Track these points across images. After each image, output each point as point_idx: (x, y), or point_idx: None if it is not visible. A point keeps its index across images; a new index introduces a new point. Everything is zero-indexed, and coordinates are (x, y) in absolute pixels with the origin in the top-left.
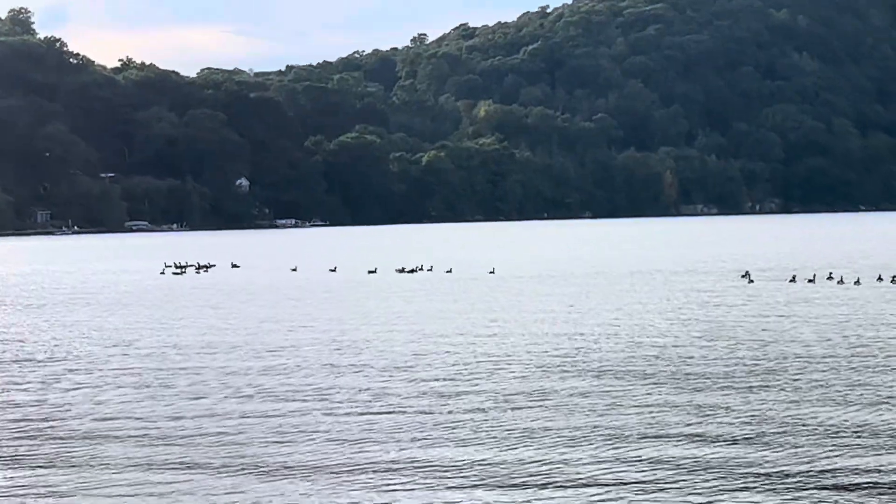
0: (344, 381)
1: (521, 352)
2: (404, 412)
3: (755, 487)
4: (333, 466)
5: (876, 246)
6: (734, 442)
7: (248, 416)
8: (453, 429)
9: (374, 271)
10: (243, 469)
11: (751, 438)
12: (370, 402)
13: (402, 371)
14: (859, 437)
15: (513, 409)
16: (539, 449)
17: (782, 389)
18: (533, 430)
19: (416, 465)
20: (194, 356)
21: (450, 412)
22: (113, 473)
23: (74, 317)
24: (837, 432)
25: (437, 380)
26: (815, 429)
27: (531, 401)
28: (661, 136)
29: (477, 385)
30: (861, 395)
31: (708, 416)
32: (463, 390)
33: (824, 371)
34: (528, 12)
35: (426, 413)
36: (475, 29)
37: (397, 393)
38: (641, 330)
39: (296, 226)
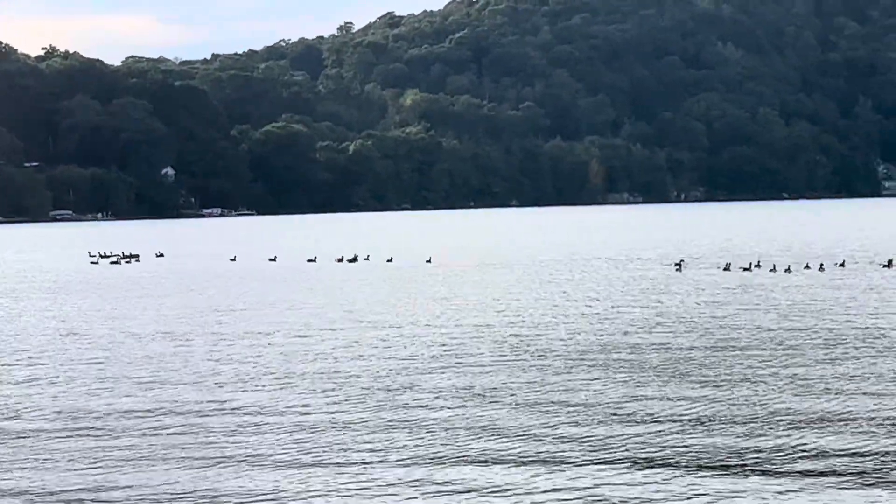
0: (307, 369)
1: (472, 340)
2: (363, 406)
3: (684, 472)
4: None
5: (799, 233)
6: (670, 425)
7: (205, 411)
8: (403, 418)
9: (314, 260)
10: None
11: (685, 423)
12: (325, 387)
13: (367, 358)
14: (791, 421)
15: (459, 398)
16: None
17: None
18: (477, 422)
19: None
20: (151, 344)
21: (406, 403)
22: (71, 470)
23: (20, 306)
24: (769, 417)
25: (398, 366)
26: (740, 413)
27: (481, 390)
28: (586, 125)
29: (431, 375)
30: (790, 380)
31: (644, 401)
32: (417, 381)
33: (761, 356)
34: (454, 1)
35: (385, 405)
36: (401, 17)
37: (367, 385)
38: (582, 319)
39: (222, 215)
